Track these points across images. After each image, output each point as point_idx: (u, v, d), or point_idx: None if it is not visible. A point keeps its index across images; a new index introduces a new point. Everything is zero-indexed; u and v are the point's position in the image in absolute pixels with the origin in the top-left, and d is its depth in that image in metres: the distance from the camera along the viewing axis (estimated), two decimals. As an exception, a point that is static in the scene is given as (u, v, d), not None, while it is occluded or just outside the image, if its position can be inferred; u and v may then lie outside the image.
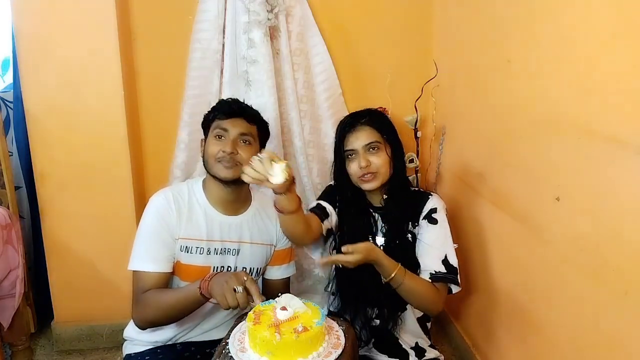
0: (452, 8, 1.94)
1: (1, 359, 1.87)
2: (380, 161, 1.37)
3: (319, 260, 1.26)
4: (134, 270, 1.38)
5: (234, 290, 1.13)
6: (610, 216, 1.04)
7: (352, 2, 2.06)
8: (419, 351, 1.45)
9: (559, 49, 1.21)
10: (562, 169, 1.21)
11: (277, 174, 1.08)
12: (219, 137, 1.42)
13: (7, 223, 1.76)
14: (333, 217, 1.46)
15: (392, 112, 2.02)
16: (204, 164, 1.46)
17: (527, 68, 1.36)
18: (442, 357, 1.50)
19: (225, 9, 1.88)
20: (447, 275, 1.36)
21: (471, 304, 1.85)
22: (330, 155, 2.07)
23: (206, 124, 1.49)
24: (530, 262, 1.39)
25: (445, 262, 1.36)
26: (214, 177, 1.42)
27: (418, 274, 1.37)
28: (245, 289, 1.13)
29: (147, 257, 1.37)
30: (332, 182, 1.54)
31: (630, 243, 0.98)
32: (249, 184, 1.52)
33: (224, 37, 1.90)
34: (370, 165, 1.37)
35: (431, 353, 1.47)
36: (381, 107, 2.04)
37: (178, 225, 1.40)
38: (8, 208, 1.86)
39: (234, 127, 1.42)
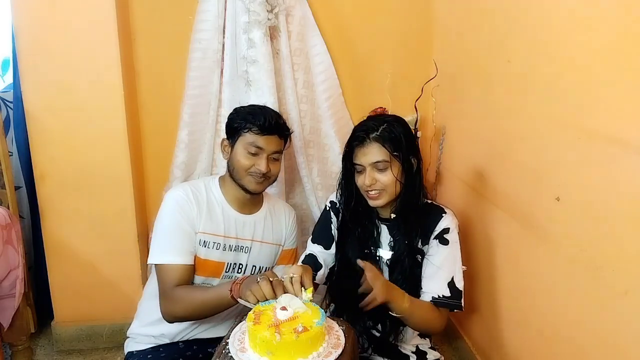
0: (452, 8, 1.94)
1: (1, 359, 1.87)
2: (387, 180, 1.31)
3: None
4: (157, 264, 1.38)
5: (257, 281, 1.16)
6: (610, 216, 1.04)
7: (352, 2, 2.06)
8: (420, 354, 1.44)
9: (559, 49, 1.21)
10: (562, 169, 1.21)
11: (304, 299, 1.15)
12: (252, 154, 1.42)
13: (7, 223, 1.75)
14: (328, 258, 1.45)
15: (392, 112, 2.02)
16: (229, 170, 1.47)
17: (527, 68, 1.36)
18: (443, 358, 1.50)
19: (225, 9, 1.88)
20: (450, 301, 1.32)
21: (472, 303, 1.85)
22: (330, 155, 2.08)
23: (235, 130, 1.45)
24: (530, 262, 1.39)
25: (451, 284, 1.32)
26: (241, 185, 1.44)
27: (421, 293, 1.34)
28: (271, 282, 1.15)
29: (171, 249, 1.37)
30: (327, 203, 1.49)
31: (630, 243, 0.98)
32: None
33: (224, 37, 1.90)
34: (375, 184, 1.32)
35: (432, 355, 1.46)
36: (381, 107, 2.05)
37: (198, 219, 1.41)
38: (8, 208, 1.86)
39: (269, 145, 1.42)
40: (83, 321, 2.05)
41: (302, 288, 1.16)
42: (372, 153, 1.31)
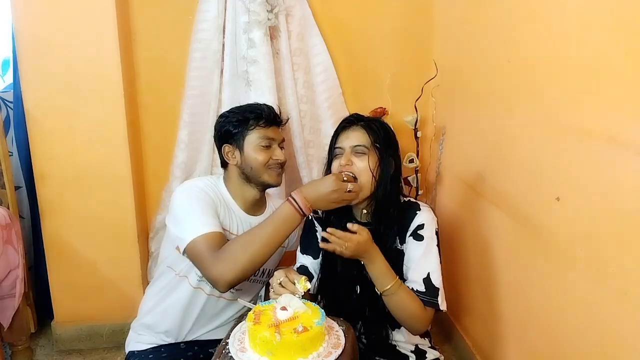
0: (453, 8, 1.94)
1: (1, 359, 1.87)
2: (362, 166, 1.29)
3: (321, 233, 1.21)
4: (192, 241, 1.29)
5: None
6: (610, 216, 1.04)
7: (352, 2, 2.06)
8: (420, 353, 1.44)
9: (559, 49, 1.21)
10: (562, 169, 1.21)
11: (302, 291, 1.14)
12: (266, 147, 1.43)
13: (7, 223, 1.76)
14: (318, 268, 1.43)
15: (392, 112, 2.03)
16: (244, 173, 1.43)
17: (527, 68, 1.36)
18: (442, 357, 1.50)
19: (225, 9, 1.88)
20: (424, 297, 1.27)
21: (471, 303, 1.85)
22: (330, 156, 2.08)
23: (237, 134, 1.43)
24: (530, 262, 1.39)
25: (426, 280, 1.29)
26: (262, 182, 1.43)
27: None
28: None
29: (205, 222, 1.31)
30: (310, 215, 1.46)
31: (630, 243, 0.98)
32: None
33: (224, 37, 1.90)
34: (351, 165, 1.30)
35: (431, 354, 1.46)
36: (381, 107, 2.05)
37: (218, 211, 1.40)
38: (8, 208, 1.87)
39: (277, 135, 1.47)
40: (83, 321, 2.05)
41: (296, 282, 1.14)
42: (355, 136, 1.33)
